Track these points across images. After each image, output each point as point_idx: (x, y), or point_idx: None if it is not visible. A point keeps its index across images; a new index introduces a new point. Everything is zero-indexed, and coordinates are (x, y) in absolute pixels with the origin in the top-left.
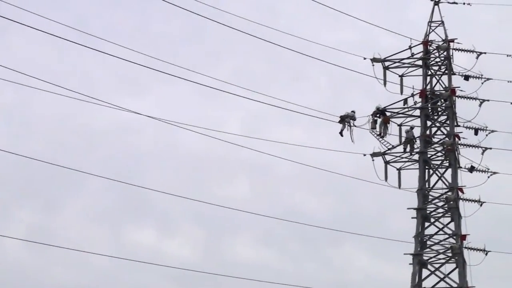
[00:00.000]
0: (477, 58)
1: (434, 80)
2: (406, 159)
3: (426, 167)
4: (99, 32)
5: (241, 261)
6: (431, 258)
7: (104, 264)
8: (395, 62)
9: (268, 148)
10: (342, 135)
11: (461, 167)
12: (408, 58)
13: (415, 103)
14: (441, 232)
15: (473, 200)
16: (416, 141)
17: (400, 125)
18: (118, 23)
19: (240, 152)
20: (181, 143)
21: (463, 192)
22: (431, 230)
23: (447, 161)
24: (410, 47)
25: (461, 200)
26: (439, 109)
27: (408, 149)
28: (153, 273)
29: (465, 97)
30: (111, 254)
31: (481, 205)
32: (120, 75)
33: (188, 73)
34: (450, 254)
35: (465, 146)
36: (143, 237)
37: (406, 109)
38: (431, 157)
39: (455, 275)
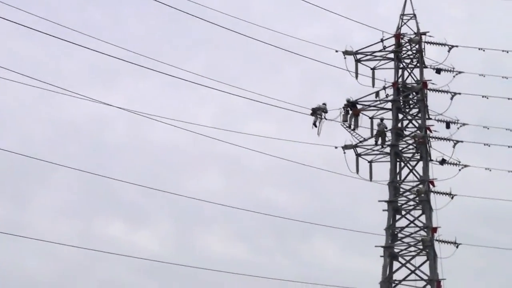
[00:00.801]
0: (449, 51)
1: (406, 73)
2: (378, 152)
3: (398, 160)
4: (70, 23)
5: (212, 254)
6: (402, 250)
7: (74, 256)
8: (367, 55)
9: (240, 141)
10: (316, 126)
11: (432, 160)
12: (380, 51)
13: (387, 95)
14: (412, 225)
15: (444, 193)
16: (387, 134)
17: (371, 118)
18: (90, 15)
19: (212, 145)
20: (153, 136)
21: (434, 185)
22: (402, 222)
23: (419, 154)
24: (382, 40)
25: (432, 193)
26: (410, 102)
27: (379, 141)
28: (123, 265)
29: (437, 90)
30: (81, 246)
31: (452, 198)
32: (91, 67)
33: (160, 66)
34: (421, 247)
35: (436, 139)
36: (113, 229)
37: (378, 102)
38: (403, 150)
39: (426, 268)
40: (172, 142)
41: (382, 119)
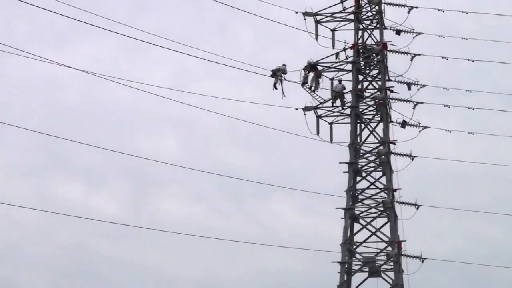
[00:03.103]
0: (408, 12)
1: (366, 35)
2: (338, 114)
3: (358, 121)
4: None
5: (169, 216)
6: (362, 212)
7: (31, 218)
8: (326, 16)
9: (195, 102)
10: (276, 88)
11: (392, 122)
12: (340, 12)
13: (347, 57)
14: (372, 187)
15: (404, 155)
16: (346, 96)
17: (331, 79)
18: None
19: (168, 106)
20: (107, 97)
21: (394, 145)
22: (362, 184)
23: (379, 116)
24: (341, 1)
25: (392, 155)
26: (371, 63)
27: (337, 103)
28: (80, 227)
29: (397, 52)
30: (37, 208)
31: (412, 159)
32: (42, 27)
33: (112, 25)
34: (381, 209)
35: (396, 101)
36: (69, 191)
37: (338, 64)
38: (363, 112)
39: (386, 229)
40: (126, 103)
41: (340, 81)
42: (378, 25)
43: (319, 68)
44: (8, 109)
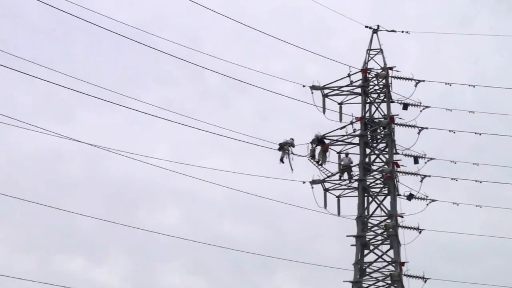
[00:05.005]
0: (415, 86)
1: (373, 108)
2: (346, 187)
3: (365, 194)
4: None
5: None
6: (370, 285)
7: None
8: (334, 90)
9: (199, 175)
10: (283, 162)
11: (400, 195)
12: (347, 85)
13: (354, 130)
14: (380, 260)
15: (412, 228)
16: (353, 169)
17: (339, 153)
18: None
19: (169, 179)
20: (108, 170)
21: (402, 218)
22: (370, 257)
23: (386, 189)
24: (349, 75)
25: (400, 228)
26: (378, 136)
27: (344, 176)
28: None
29: (404, 125)
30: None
31: (420, 232)
32: (44, 99)
33: (117, 98)
34: (389, 282)
35: (404, 174)
36: (72, 264)
37: (345, 137)
38: (370, 185)
39: None
40: (128, 176)
41: (347, 154)
42: (385, 99)
43: (327, 141)
44: (10, 182)
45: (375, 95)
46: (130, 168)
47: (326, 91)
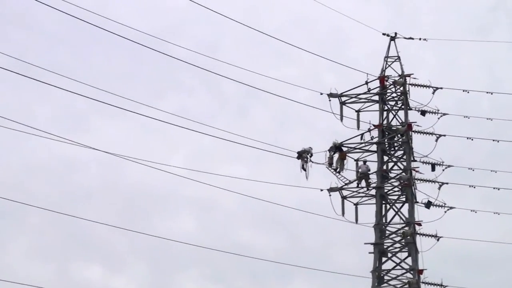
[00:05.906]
0: (433, 93)
1: (391, 115)
2: (363, 194)
3: (383, 202)
4: (41, 63)
5: None
6: None
7: None
8: (351, 97)
9: (216, 183)
10: (305, 170)
11: (418, 202)
12: (365, 93)
13: (372, 138)
14: (398, 267)
15: (430, 235)
16: (371, 176)
17: (357, 160)
18: (61, 57)
19: (186, 187)
20: (124, 178)
21: (420, 225)
22: (388, 265)
23: (404, 196)
24: (366, 82)
25: (418, 235)
26: (395, 144)
27: (362, 184)
28: None
29: (422, 132)
30: None
31: (438, 240)
32: (62, 107)
33: (132, 105)
34: None
35: (421, 181)
36: (90, 273)
37: (363, 144)
38: (388, 192)
39: None
40: (145, 184)
41: (364, 162)
42: (403, 106)
43: (344, 149)
44: (27, 190)
45: (392, 103)
46: (146, 176)
47: (343, 98)
